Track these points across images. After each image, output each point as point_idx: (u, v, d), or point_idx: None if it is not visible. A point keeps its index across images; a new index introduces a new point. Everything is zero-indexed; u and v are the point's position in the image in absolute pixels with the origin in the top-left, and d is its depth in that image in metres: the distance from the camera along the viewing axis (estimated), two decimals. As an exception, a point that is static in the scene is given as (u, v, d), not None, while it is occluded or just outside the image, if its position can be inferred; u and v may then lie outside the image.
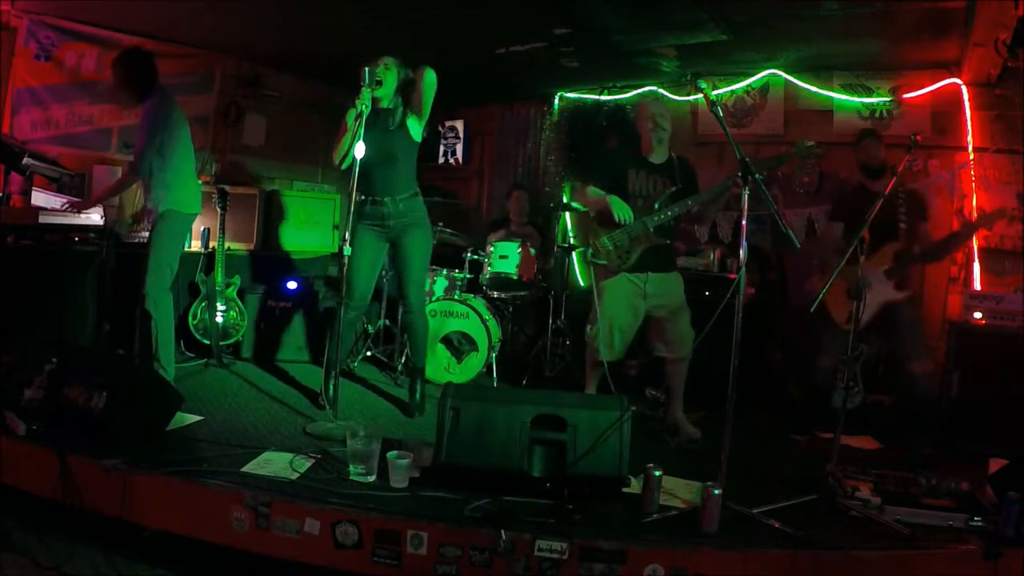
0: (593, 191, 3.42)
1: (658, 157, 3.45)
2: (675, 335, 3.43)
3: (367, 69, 3.05)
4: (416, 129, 3.36)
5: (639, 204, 3.37)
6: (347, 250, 3.10)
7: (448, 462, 2.50)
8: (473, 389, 3.49)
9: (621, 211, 3.28)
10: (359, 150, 3.02)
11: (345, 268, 3.14)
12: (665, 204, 3.34)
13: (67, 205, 3.66)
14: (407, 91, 3.32)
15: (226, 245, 4.40)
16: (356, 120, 3.05)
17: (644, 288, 3.40)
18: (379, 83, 3.17)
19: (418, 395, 3.65)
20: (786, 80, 4.95)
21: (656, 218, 3.33)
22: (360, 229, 3.42)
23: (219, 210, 4.29)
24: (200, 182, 3.78)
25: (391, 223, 3.43)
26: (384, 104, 3.30)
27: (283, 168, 5.81)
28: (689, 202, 3.31)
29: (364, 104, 3.05)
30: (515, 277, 4.54)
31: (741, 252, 2.59)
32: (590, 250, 3.47)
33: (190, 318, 4.36)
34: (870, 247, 3.30)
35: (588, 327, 3.55)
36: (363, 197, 3.39)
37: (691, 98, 5.32)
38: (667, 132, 3.42)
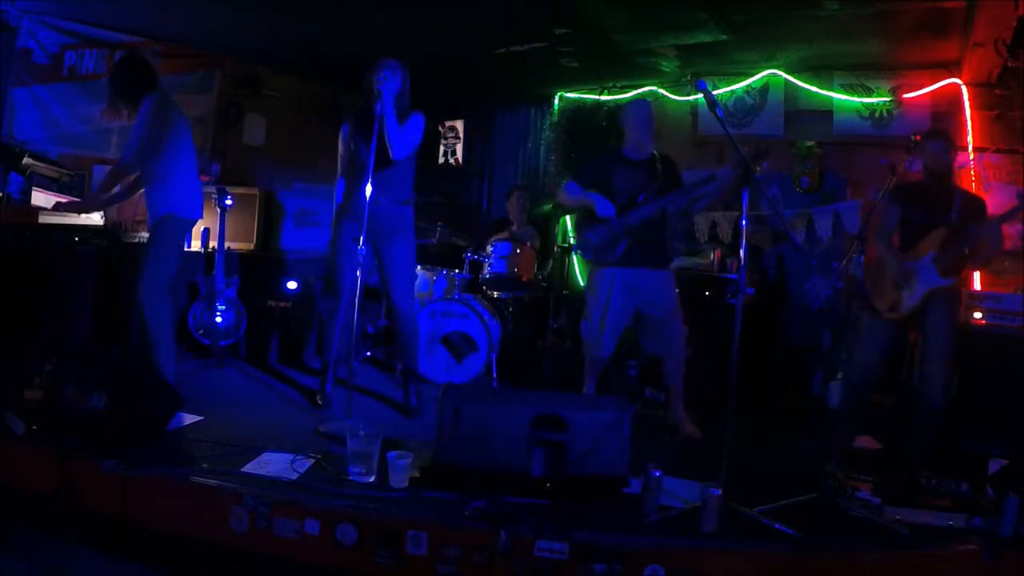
0: (570, 190, 3.50)
1: (639, 154, 3.49)
2: (669, 335, 3.43)
3: (384, 74, 3.18)
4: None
5: (624, 201, 3.39)
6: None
7: (448, 462, 2.50)
8: (473, 389, 3.50)
9: (601, 207, 3.34)
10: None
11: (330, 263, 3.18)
12: (649, 200, 3.37)
13: (60, 205, 3.57)
14: (404, 95, 3.37)
15: (226, 245, 4.40)
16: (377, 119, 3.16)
17: (636, 283, 3.41)
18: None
19: (414, 399, 3.62)
20: (786, 80, 4.95)
21: (639, 212, 3.36)
22: (344, 226, 3.43)
23: (219, 210, 4.29)
24: (201, 185, 3.68)
25: (377, 225, 3.39)
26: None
27: (283, 168, 5.81)
28: (671, 196, 3.34)
29: (381, 106, 3.16)
30: (515, 277, 4.53)
31: (741, 252, 2.59)
32: (577, 245, 3.52)
33: (190, 318, 4.36)
34: (919, 234, 3.27)
35: (583, 323, 3.55)
36: (355, 194, 3.36)
37: (691, 98, 5.32)
38: (649, 132, 3.46)
